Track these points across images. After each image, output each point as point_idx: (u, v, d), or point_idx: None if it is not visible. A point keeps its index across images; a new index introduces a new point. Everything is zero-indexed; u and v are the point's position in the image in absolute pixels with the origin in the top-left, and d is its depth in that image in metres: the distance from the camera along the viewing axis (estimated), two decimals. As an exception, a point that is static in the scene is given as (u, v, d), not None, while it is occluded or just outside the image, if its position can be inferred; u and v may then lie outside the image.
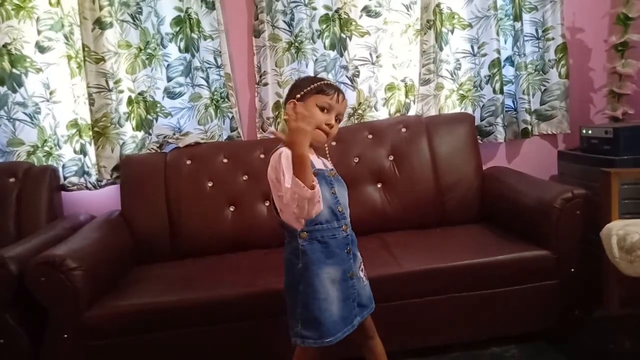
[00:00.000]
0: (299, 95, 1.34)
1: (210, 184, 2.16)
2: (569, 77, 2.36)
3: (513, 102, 2.41)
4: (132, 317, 1.62)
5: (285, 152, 1.23)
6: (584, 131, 2.22)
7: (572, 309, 1.75)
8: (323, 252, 1.28)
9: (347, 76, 2.32)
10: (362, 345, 1.43)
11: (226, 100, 2.33)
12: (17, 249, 1.70)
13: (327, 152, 1.43)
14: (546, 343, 1.79)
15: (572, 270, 1.71)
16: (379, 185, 2.19)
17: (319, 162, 1.35)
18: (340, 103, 1.35)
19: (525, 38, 2.35)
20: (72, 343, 1.60)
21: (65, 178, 2.29)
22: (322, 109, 1.32)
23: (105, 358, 1.64)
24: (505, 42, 2.38)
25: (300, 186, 1.15)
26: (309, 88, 1.33)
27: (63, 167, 2.30)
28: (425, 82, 2.34)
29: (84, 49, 2.16)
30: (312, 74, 2.32)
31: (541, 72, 2.38)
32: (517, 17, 2.29)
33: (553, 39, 2.32)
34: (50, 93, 2.26)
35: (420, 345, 1.78)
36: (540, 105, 2.41)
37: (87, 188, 2.30)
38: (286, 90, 2.25)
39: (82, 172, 2.29)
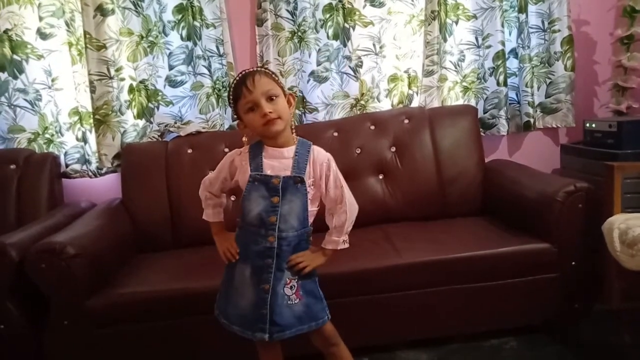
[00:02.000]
0: (234, 115, 1.37)
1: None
2: (574, 70, 2.34)
3: (516, 94, 2.40)
4: (133, 306, 1.63)
5: (224, 159, 1.40)
6: (588, 124, 2.21)
7: (572, 302, 1.75)
8: (242, 250, 1.33)
9: (350, 66, 2.30)
10: (325, 353, 1.41)
11: (228, 89, 2.31)
12: (17, 236, 1.70)
13: (308, 149, 1.32)
14: (546, 336, 1.80)
15: (573, 263, 1.71)
16: (381, 177, 2.19)
17: (275, 167, 1.29)
18: (255, 87, 1.23)
19: (531, 30, 2.33)
20: (73, 330, 1.61)
21: (67, 165, 2.29)
22: (250, 110, 1.26)
23: (106, 345, 1.64)
24: (510, 34, 2.36)
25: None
26: (231, 103, 1.33)
27: (65, 154, 2.29)
28: (428, 73, 2.33)
29: (85, 36, 2.15)
30: (314, 64, 2.31)
31: (547, 65, 2.36)
32: (523, 9, 2.27)
33: (559, 31, 2.30)
34: (52, 80, 2.25)
35: (419, 337, 1.78)
36: (546, 98, 2.39)
37: (88, 176, 2.29)
38: (288, 80, 2.28)
39: (84, 159, 2.29)
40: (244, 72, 1.29)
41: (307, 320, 1.31)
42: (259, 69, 1.31)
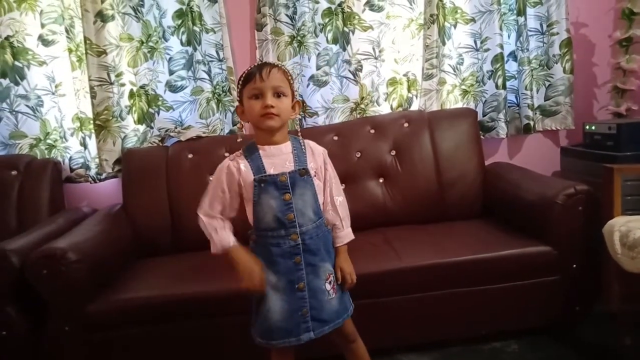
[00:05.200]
0: (238, 98, 1.31)
1: (211, 178, 2.15)
2: (573, 73, 2.35)
3: (516, 97, 2.40)
4: (133, 311, 1.63)
5: (216, 172, 1.32)
6: (587, 127, 2.22)
7: (572, 304, 1.75)
8: (264, 258, 1.28)
9: (349, 70, 2.31)
10: (343, 349, 1.42)
11: (228, 94, 2.32)
12: (18, 242, 1.71)
13: (301, 142, 1.34)
14: (547, 338, 1.79)
15: (574, 266, 1.71)
16: (381, 180, 2.19)
17: (276, 164, 1.28)
18: (267, 79, 1.23)
19: (530, 33, 2.33)
20: (73, 336, 1.61)
21: (72, 170, 2.31)
22: (255, 97, 1.24)
23: (106, 351, 1.65)
24: (509, 37, 2.37)
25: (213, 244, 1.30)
26: (239, 86, 1.28)
27: (70, 159, 2.31)
28: (428, 76, 2.33)
29: (85, 42, 2.16)
30: (314, 68, 2.32)
31: (545, 67, 2.37)
32: (521, 12, 2.28)
33: (557, 33, 2.30)
34: (56, 86, 2.26)
35: (420, 340, 1.78)
36: (545, 101, 2.39)
37: (88, 181, 2.30)
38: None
39: (85, 165, 2.30)
40: (264, 61, 1.31)
41: (342, 312, 1.33)
42: (278, 64, 1.32)
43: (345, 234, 1.37)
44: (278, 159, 1.29)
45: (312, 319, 1.27)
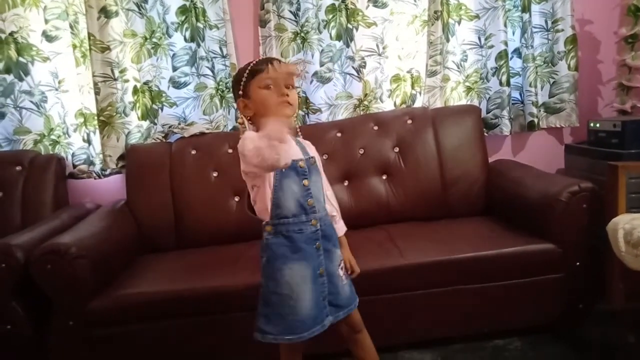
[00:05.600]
0: (241, 92, 1.27)
1: (215, 174, 2.16)
2: (578, 70, 2.33)
3: (520, 94, 2.39)
4: (137, 306, 1.63)
5: (248, 136, 1.16)
6: (592, 124, 2.20)
7: (576, 302, 1.75)
8: (288, 247, 1.24)
9: (353, 67, 2.30)
10: (349, 339, 1.41)
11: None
12: (23, 237, 1.71)
13: (298, 131, 1.35)
14: (549, 336, 1.79)
15: (577, 264, 1.71)
16: (384, 177, 2.19)
17: (288, 151, 1.23)
18: (280, 69, 1.24)
19: (534, 29, 2.32)
20: (77, 331, 1.62)
21: (74, 166, 2.31)
22: (266, 87, 1.24)
23: (110, 346, 1.66)
24: (513, 34, 2.36)
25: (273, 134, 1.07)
26: (244, 78, 1.26)
27: (72, 155, 2.31)
28: (431, 73, 2.32)
29: (89, 38, 2.16)
30: (317, 65, 2.32)
31: (550, 64, 2.35)
32: (526, 8, 2.26)
33: (562, 30, 2.29)
34: (59, 82, 2.27)
35: (423, 338, 1.78)
36: (549, 98, 2.38)
37: (92, 177, 2.31)
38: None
39: (89, 161, 2.31)
40: (268, 57, 1.30)
41: (353, 299, 1.35)
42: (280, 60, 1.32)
43: (341, 226, 1.41)
44: (288, 147, 1.26)
45: (330, 304, 1.29)
